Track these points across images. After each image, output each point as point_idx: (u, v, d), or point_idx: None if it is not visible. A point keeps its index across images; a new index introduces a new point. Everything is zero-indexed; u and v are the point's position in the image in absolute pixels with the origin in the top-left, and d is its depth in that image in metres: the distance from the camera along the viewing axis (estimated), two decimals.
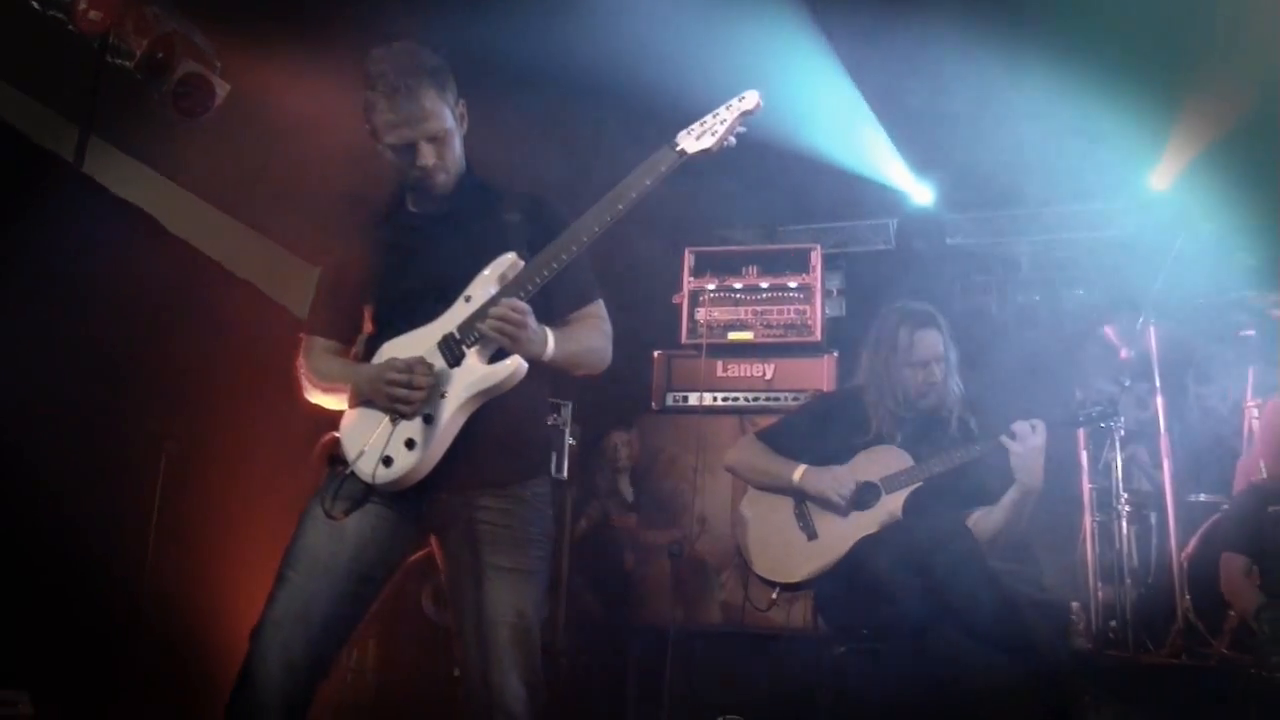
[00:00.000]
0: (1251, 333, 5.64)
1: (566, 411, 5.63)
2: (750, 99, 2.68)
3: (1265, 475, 4.88)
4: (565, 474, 5.58)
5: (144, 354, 5.18)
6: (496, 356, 2.73)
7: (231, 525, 5.31)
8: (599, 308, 2.94)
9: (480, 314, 2.70)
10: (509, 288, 2.69)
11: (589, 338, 2.89)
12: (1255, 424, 5.35)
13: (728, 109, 2.68)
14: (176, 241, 5.86)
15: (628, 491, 6.25)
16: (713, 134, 2.66)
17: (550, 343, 2.75)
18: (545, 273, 2.69)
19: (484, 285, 2.74)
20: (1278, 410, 4.96)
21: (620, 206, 2.67)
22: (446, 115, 2.81)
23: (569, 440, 5.57)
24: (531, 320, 2.67)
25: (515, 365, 2.69)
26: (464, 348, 2.72)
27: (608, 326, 2.95)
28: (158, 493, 4.99)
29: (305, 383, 2.90)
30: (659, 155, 2.69)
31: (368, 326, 2.90)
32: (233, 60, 5.67)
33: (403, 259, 2.85)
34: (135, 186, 5.78)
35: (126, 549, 4.87)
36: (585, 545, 5.94)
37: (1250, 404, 5.47)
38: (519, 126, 5.37)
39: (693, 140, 2.67)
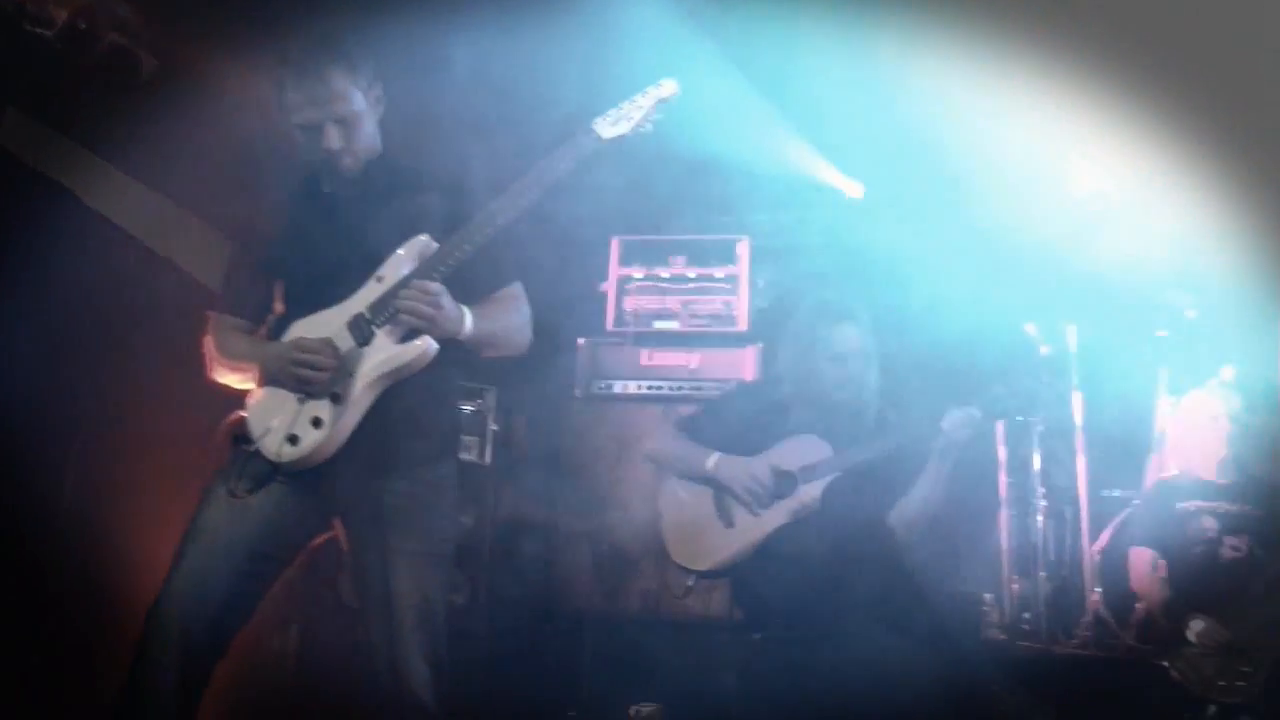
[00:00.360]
0: (1166, 334, 5.77)
1: (490, 397, 5.61)
2: (668, 86, 2.70)
3: (1175, 472, 4.99)
4: (488, 459, 5.57)
5: (57, 332, 5.06)
6: (407, 337, 2.71)
7: (147, 507, 5.22)
8: (518, 289, 2.95)
9: (392, 294, 2.69)
10: (421, 269, 2.68)
11: (506, 317, 2.89)
12: (1167, 422, 5.47)
13: (644, 95, 2.70)
14: (95, 216, 5.74)
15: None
16: (629, 119, 2.67)
17: (468, 321, 2.74)
18: (458, 254, 2.68)
19: (396, 265, 2.73)
20: (1191, 409, 5.06)
21: (534, 191, 2.67)
22: (356, 98, 2.78)
23: (492, 426, 5.55)
24: (446, 300, 2.66)
25: (424, 346, 2.68)
26: (373, 328, 2.71)
27: (526, 308, 2.95)
28: (69, 475, 4.89)
29: (212, 361, 2.87)
30: (574, 140, 2.69)
31: (278, 306, 2.87)
32: (162, 32, 5.55)
33: (314, 238, 2.83)
34: (53, 159, 5.65)
35: (37, 529, 4.77)
36: (506, 530, 5.92)
37: (1162, 402, 5.58)
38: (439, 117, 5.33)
39: (608, 126, 2.68)
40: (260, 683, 4.98)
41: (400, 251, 2.73)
